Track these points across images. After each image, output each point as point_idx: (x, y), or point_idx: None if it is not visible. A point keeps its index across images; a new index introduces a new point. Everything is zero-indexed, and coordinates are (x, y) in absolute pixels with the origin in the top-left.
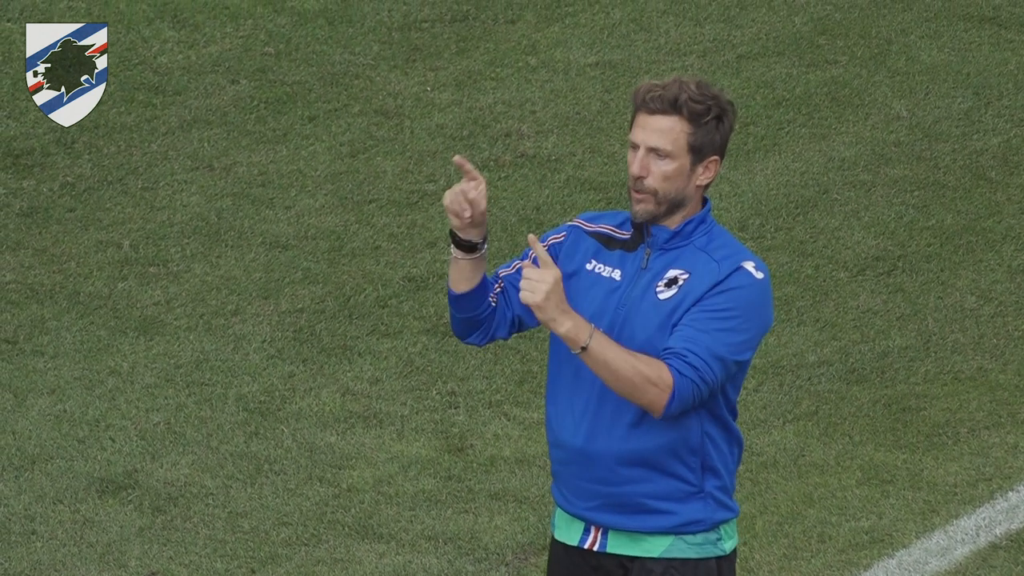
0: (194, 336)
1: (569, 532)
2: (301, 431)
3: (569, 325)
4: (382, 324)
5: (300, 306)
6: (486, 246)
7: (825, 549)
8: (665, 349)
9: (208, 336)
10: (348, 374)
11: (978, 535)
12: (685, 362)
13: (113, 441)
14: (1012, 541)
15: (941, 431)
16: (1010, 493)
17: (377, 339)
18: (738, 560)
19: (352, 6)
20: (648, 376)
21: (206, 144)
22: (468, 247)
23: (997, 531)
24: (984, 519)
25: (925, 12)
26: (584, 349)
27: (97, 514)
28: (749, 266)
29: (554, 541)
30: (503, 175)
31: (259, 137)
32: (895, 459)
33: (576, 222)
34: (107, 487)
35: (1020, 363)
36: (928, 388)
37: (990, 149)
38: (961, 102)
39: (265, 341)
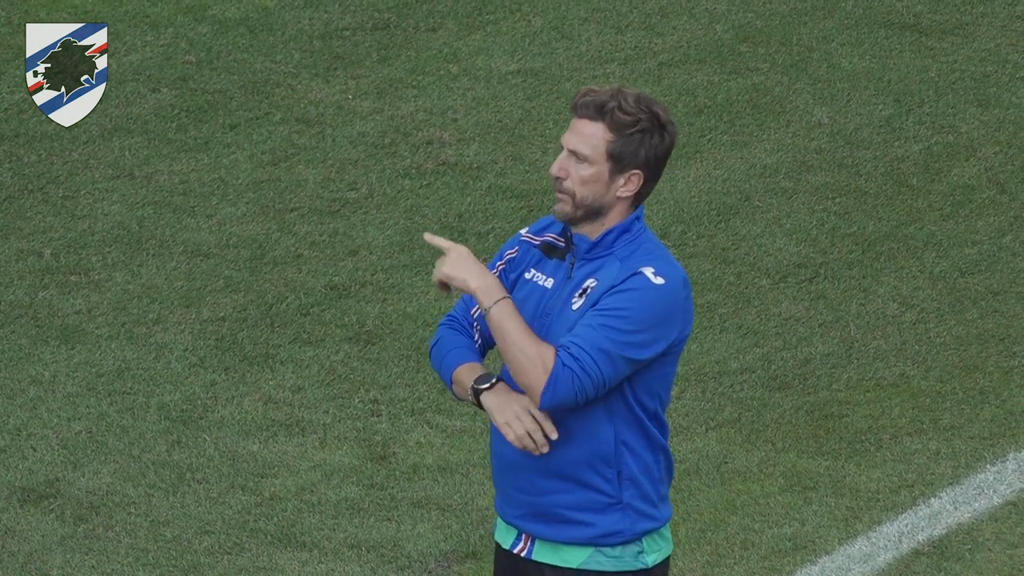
0: (116, 345)
1: (506, 535)
2: (223, 439)
3: (478, 283)
4: (304, 332)
5: (222, 314)
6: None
7: (748, 556)
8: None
9: (130, 345)
10: (270, 382)
11: (900, 541)
12: (568, 352)
13: (34, 450)
14: (934, 547)
15: (863, 438)
16: (932, 499)
17: (299, 347)
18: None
19: (273, 15)
20: (532, 356)
21: (127, 153)
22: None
23: (919, 537)
24: (906, 525)
25: (846, 19)
26: (487, 311)
27: (18, 523)
28: (648, 271)
29: (497, 542)
30: (425, 183)
31: (180, 145)
32: (817, 466)
33: (525, 236)
34: (28, 496)
35: (942, 369)
36: (850, 395)
37: (911, 156)
38: (882, 109)
39: (187, 350)
